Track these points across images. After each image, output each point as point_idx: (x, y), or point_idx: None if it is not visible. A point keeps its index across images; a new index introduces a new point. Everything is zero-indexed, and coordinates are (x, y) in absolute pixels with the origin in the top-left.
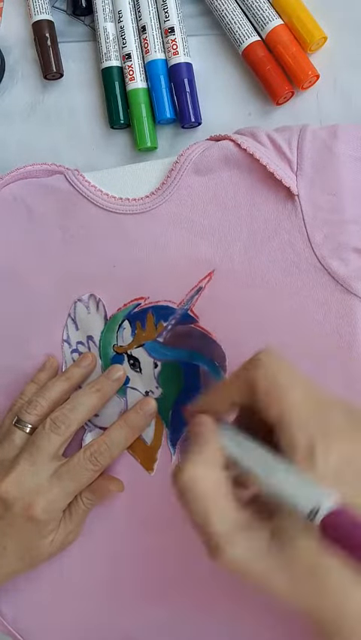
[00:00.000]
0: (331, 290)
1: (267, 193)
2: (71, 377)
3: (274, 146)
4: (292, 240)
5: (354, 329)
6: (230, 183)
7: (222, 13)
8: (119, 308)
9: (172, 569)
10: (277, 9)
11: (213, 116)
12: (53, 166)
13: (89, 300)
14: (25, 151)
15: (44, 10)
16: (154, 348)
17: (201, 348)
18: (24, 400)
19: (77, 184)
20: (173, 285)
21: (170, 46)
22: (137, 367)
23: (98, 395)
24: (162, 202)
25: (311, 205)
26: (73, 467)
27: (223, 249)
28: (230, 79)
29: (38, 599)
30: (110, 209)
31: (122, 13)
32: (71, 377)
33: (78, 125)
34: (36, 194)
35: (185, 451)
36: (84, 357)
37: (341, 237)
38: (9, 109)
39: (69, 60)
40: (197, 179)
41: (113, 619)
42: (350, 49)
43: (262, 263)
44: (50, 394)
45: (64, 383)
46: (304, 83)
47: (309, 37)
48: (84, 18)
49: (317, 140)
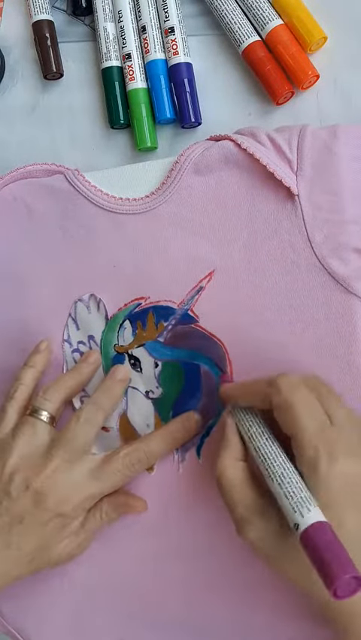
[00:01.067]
0: (331, 290)
1: (267, 193)
2: (81, 372)
3: (274, 146)
4: (292, 240)
5: (354, 329)
6: (230, 183)
7: (222, 13)
8: (120, 308)
9: (172, 569)
10: (277, 9)
11: (213, 116)
12: (53, 166)
13: (89, 300)
14: (25, 151)
15: (44, 10)
16: (155, 348)
17: (202, 347)
18: (21, 384)
19: (77, 184)
20: (173, 285)
21: (170, 46)
22: (137, 367)
23: (121, 385)
24: (162, 202)
25: (311, 205)
26: (110, 470)
27: (223, 248)
28: (230, 79)
29: (38, 599)
30: (110, 209)
31: (122, 13)
32: (81, 372)
33: (78, 125)
34: (36, 194)
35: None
36: (90, 354)
37: (341, 237)
38: (9, 109)
39: (69, 60)
40: (197, 179)
41: (112, 620)
42: (350, 49)
43: (262, 262)
44: (64, 385)
45: (76, 376)
46: (304, 83)
47: (309, 37)
48: (84, 18)
49: (317, 140)
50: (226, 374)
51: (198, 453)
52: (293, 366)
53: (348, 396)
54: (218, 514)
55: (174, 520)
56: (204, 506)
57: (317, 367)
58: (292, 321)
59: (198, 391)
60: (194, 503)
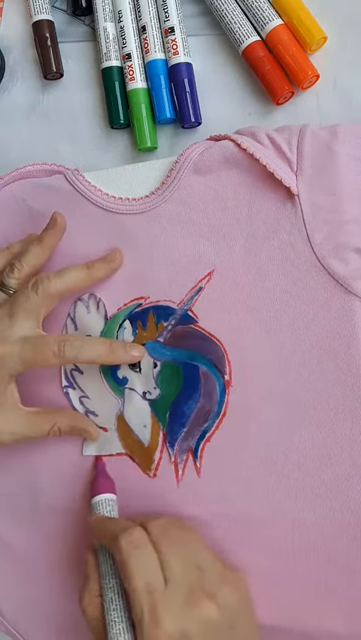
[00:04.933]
0: (331, 290)
1: (267, 193)
2: (45, 243)
3: (274, 146)
4: (292, 240)
5: (354, 329)
6: (230, 183)
7: (222, 13)
8: (120, 307)
9: None
10: (277, 9)
11: (213, 116)
12: (53, 166)
13: (89, 299)
14: (25, 151)
15: (44, 10)
16: (154, 348)
17: (201, 348)
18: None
19: (77, 184)
20: (173, 285)
21: (170, 46)
22: (136, 367)
23: (87, 272)
24: (162, 202)
25: (311, 205)
26: (40, 342)
27: (223, 248)
28: (230, 79)
29: (38, 599)
30: (110, 209)
31: (122, 13)
32: (45, 243)
33: (78, 125)
34: (36, 194)
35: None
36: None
37: (341, 237)
38: (9, 109)
39: (69, 60)
40: (197, 178)
41: None
42: (350, 49)
43: (261, 263)
44: (28, 259)
45: (39, 248)
46: (304, 82)
47: (309, 37)
48: (84, 18)
49: (316, 140)
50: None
51: (195, 455)
52: (293, 366)
53: (348, 396)
54: (218, 513)
55: None
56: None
57: (316, 367)
58: (291, 321)
59: (197, 393)
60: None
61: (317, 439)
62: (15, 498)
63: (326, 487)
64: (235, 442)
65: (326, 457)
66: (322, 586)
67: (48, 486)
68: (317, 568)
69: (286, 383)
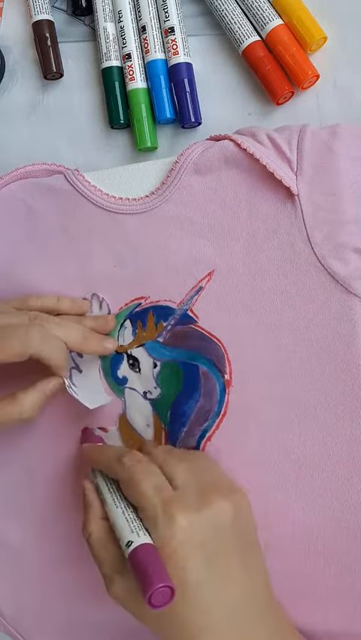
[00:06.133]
0: (331, 290)
1: (267, 193)
2: (61, 300)
3: (274, 145)
4: (292, 240)
5: (354, 329)
6: (230, 183)
7: (222, 13)
8: (120, 307)
9: None
10: (277, 9)
11: (213, 116)
12: (53, 166)
13: (92, 299)
14: (25, 151)
15: (44, 10)
16: (154, 348)
17: (201, 348)
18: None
19: (77, 184)
20: (173, 285)
21: (170, 46)
22: (136, 367)
23: (82, 334)
24: (162, 202)
25: (311, 205)
26: (17, 313)
27: (223, 248)
28: (230, 79)
29: (38, 599)
30: (110, 209)
31: (122, 13)
32: (61, 300)
33: (78, 125)
34: (36, 194)
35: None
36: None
37: (341, 237)
38: (9, 109)
39: (69, 60)
40: (197, 178)
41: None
42: (350, 49)
43: (261, 262)
44: (42, 301)
45: (54, 301)
46: (304, 83)
47: (309, 37)
48: (84, 18)
49: (316, 140)
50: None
51: None
52: (293, 365)
53: (348, 396)
54: None
55: None
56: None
57: (316, 367)
58: (291, 321)
59: (197, 392)
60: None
61: (316, 438)
62: (10, 493)
63: (326, 486)
64: (235, 442)
65: (326, 457)
66: (322, 586)
67: (43, 481)
68: (316, 568)
69: (286, 383)
